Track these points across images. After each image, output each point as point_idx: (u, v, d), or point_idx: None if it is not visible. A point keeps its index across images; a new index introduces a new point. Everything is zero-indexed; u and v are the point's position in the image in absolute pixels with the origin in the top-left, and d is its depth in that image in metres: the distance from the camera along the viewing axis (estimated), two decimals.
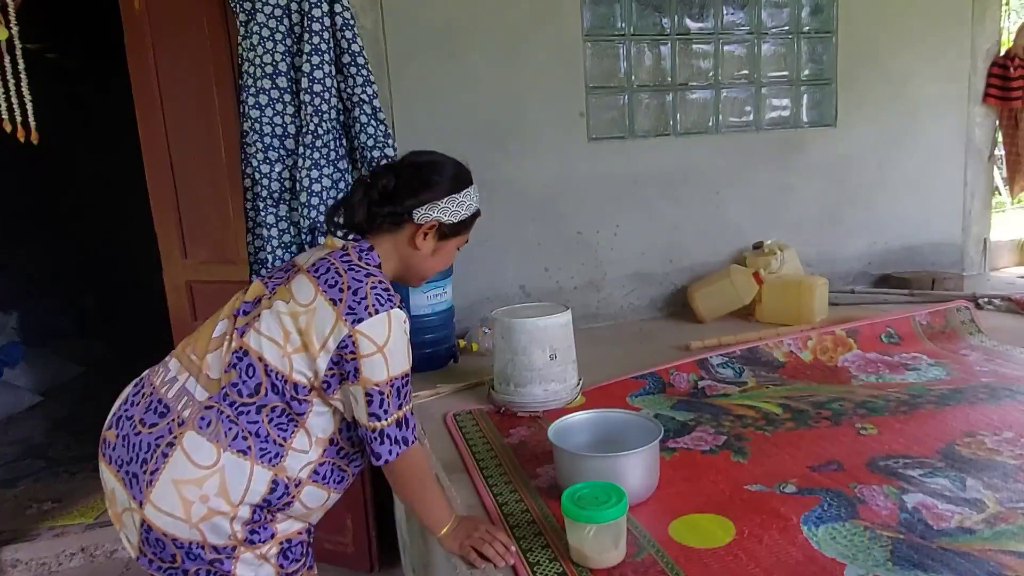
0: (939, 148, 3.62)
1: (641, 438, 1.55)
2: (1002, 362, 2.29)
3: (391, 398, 1.24)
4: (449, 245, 1.45)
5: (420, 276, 1.47)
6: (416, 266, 1.43)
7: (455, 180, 1.42)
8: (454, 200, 1.39)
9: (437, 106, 2.86)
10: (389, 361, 1.23)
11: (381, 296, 1.25)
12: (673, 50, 3.15)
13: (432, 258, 1.42)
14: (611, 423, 1.68)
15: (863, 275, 3.54)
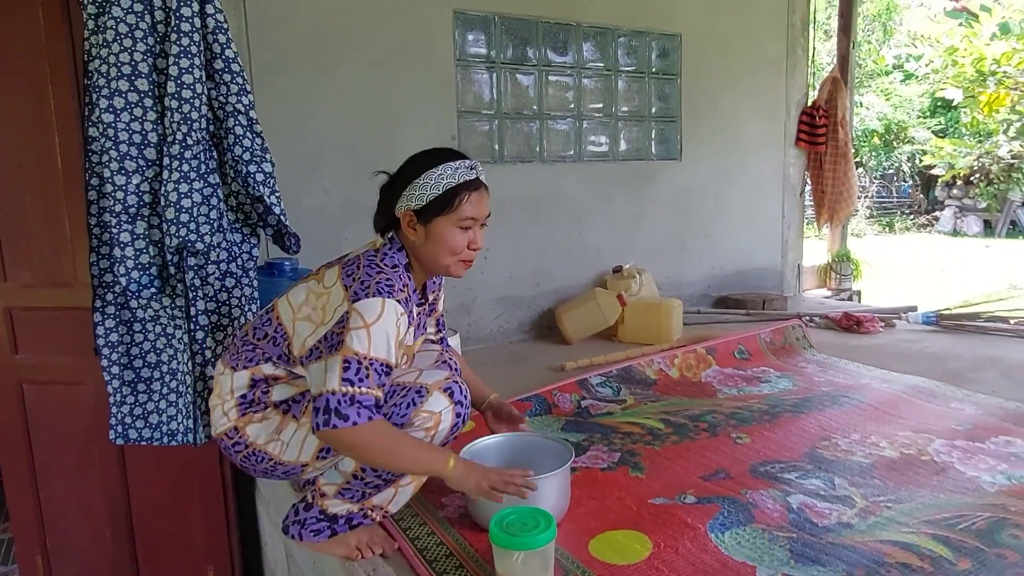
0: (762, 184, 4.08)
1: (552, 460, 1.55)
2: (833, 372, 2.60)
3: (371, 372, 1.28)
4: (439, 227, 1.41)
5: (438, 265, 1.45)
6: (425, 256, 1.45)
7: (417, 165, 1.44)
8: (415, 185, 1.41)
9: (304, 121, 2.72)
10: (372, 338, 1.28)
11: (383, 286, 1.33)
12: (539, 80, 3.27)
13: (429, 245, 1.42)
14: (520, 446, 1.67)
15: (704, 297, 3.88)
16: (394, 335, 1.31)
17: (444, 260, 1.44)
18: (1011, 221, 13.50)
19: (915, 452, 1.86)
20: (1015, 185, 13.02)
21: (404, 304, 1.35)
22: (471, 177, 1.43)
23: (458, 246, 1.43)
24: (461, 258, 1.45)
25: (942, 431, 2.00)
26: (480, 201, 1.44)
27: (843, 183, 4.28)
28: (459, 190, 1.41)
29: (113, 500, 2.21)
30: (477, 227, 1.45)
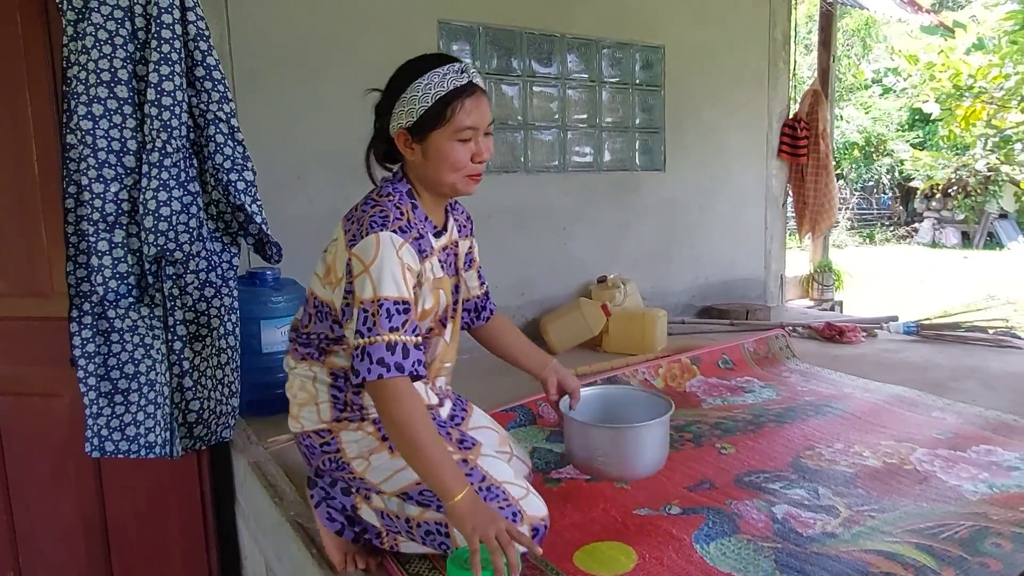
0: (745, 195, 4.12)
1: (649, 412, 1.58)
2: (816, 382, 2.61)
3: (379, 318, 1.19)
4: (436, 143, 1.29)
5: (444, 184, 1.33)
6: (428, 178, 1.34)
7: (403, 77, 1.32)
8: (403, 100, 1.29)
9: (287, 130, 2.70)
10: (375, 280, 1.20)
11: (376, 220, 1.24)
12: (524, 91, 3.27)
13: (430, 163, 1.31)
14: (615, 398, 1.70)
15: (689, 307, 3.89)
16: (399, 268, 1.22)
17: (448, 178, 1.31)
18: (988, 233, 13.73)
19: (898, 461, 1.87)
20: (992, 197, 13.26)
21: (402, 233, 1.25)
22: (463, 82, 1.29)
23: (460, 161, 1.30)
24: (466, 173, 1.32)
25: (924, 440, 2.01)
26: (477, 107, 1.30)
27: (824, 195, 4.33)
28: (451, 98, 1.27)
29: (89, 514, 2.16)
30: (479, 136, 1.32)
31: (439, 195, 1.38)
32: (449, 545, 1.27)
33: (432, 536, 1.30)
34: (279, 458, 2.02)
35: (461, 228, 1.54)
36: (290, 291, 2.42)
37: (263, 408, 2.38)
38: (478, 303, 1.65)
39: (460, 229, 1.53)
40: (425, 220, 1.36)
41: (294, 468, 1.94)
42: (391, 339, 1.19)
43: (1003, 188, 13.16)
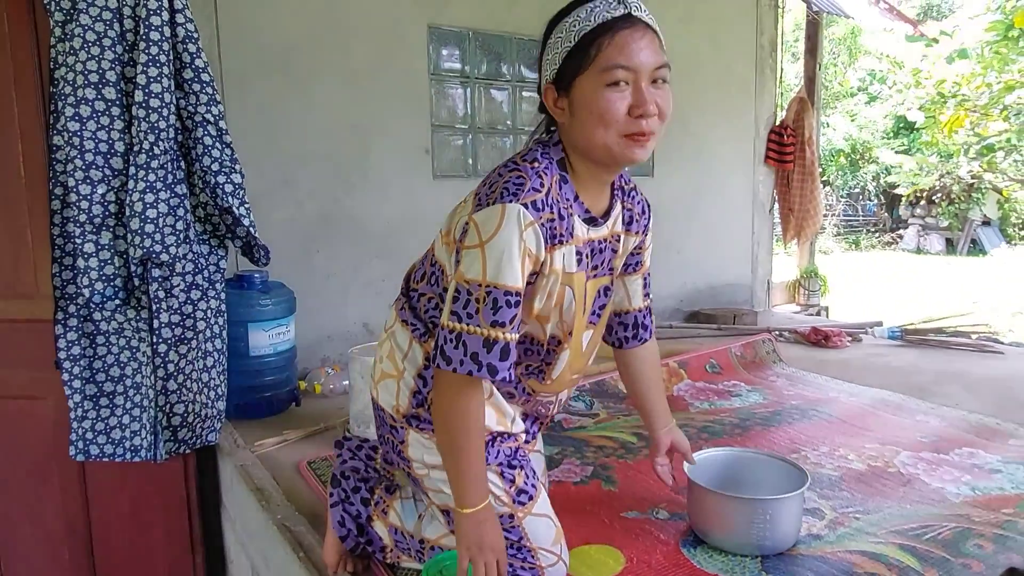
0: (732, 200, 4.15)
1: (781, 483, 1.48)
2: (803, 386, 2.63)
3: (483, 305, 1.01)
4: (580, 91, 1.05)
5: (594, 146, 1.07)
6: (578, 142, 1.09)
7: (551, 24, 1.10)
8: (549, 47, 1.09)
9: (276, 133, 2.69)
10: (487, 258, 1.01)
11: (508, 187, 1.03)
12: (513, 96, 3.28)
13: (577, 121, 1.07)
14: (745, 463, 1.60)
15: (677, 312, 3.91)
16: (518, 251, 1.01)
17: (597, 137, 1.04)
18: (972, 240, 13.90)
19: (882, 464, 1.88)
20: (975, 205, 13.44)
21: (535, 208, 1.03)
22: (616, 13, 1.03)
23: (610, 111, 1.02)
24: (622, 131, 1.03)
25: (908, 443, 2.03)
26: (633, 41, 1.02)
27: (810, 201, 4.37)
28: (597, 33, 1.02)
29: (72, 519, 2.14)
30: (642, 82, 1.03)
31: (597, 166, 1.11)
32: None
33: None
34: (266, 461, 2.01)
35: (633, 221, 1.26)
36: (278, 294, 2.41)
37: (250, 412, 2.37)
38: (638, 319, 1.41)
39: (631, 221, 1.26)
40: (574, 200, 1.12)
41: (281, 471, 1.94)
42: (492, 335, 1.02)
43: (986, 196, 13.35)
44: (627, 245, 1.28)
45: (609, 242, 1.21)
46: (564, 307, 1.17)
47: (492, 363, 1.04)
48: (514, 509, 1.21)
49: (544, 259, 1.08)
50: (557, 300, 1.15)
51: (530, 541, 1.22)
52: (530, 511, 1.23)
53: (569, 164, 1.13)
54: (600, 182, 1.16)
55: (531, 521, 1.23)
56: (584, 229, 1.14)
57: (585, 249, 1.16)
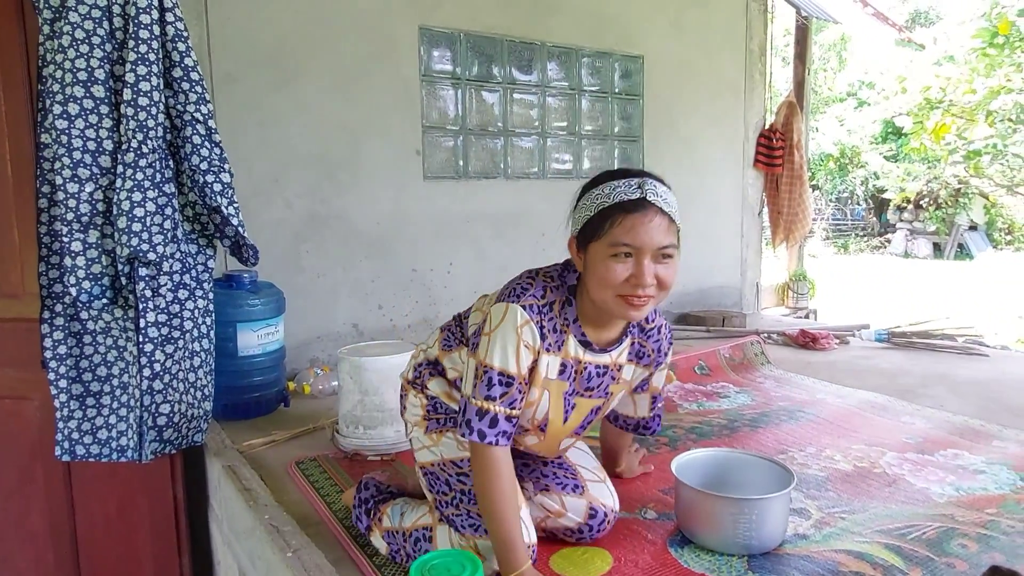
0: (722, 203, 4.17)
1: (768, 483, 1.50)
2: (790, 388, 2.65)
3: (480, 382, 1.25)
4: (593, 254, 1.24)
5: (597, 298, 1.25)
6: (588, 287, 1.27)
7: (584, 189, 1.32)
8: (578, 207, 1.30)
9: (266, 133, 2.69)
10: (490, 345, 1.25)
11: (515, 290, 1.29)
12: (504, 98, 3.29)
13: (587, 274, 1.26)
14: (732, 462, 1.61)
15: (667, 314, 3.92)
16: (514, 343, 1.23)
17: (598, 293, 1.24)
18: (958, 244, 14.03)
19: (868, 465, 1.90)
20: (961, 209, 13.56)
21: (533, 311, 1.25)
22: (632, 196, 1.21)
23: (609, 277, 1.20)
24: (619, 293, 1.21)
25: (894, 444, 2.05)
26: (640, 225, 1.19)
27: (798, 204, 4.40)
28: (612, 211, 1.21)
29: (57, 521, 2.12)
30: (644, 258, 1.20)
31: (600, 312, 1.30)
32: (429, 549, 1.37)
33: (419, 544, 1.39)
34: (254, 462, 2.00)
35: (644, 356, 1.44)
36: (267, 294, 2.40)
37: (239, 412, 2.36)
38: (640, 423, 1.64)
39: (641, 356, 1.44)
40: (573, 321, 1.31)
41: (269, 472, 1.93)
42: (483, 407, 1.24)
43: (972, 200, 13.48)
44: (633, 375, 1.46)
45: (610, 369, 1.38)
46: (538, 405, 1.33)
47: (481, 430, 1.24)
48: None
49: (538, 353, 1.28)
50: (535, 400, 1.32)
51: None
52: None
53: (579, 299, 1.32)
54: (607, 323, 1.33)
55: None
56: (578, 349, 1.33)
57: (574, 365, 1.33)
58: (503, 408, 1.25)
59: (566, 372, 1.32)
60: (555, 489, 1.47)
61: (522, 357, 1.25)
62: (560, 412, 1.36)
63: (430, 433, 1.44)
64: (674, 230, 1.25)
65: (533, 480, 1.49)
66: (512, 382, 1.25)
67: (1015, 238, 14.34)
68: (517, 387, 1.25)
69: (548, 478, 1.49)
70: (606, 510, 1.47)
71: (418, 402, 1.47)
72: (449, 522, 1.37)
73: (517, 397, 1.26)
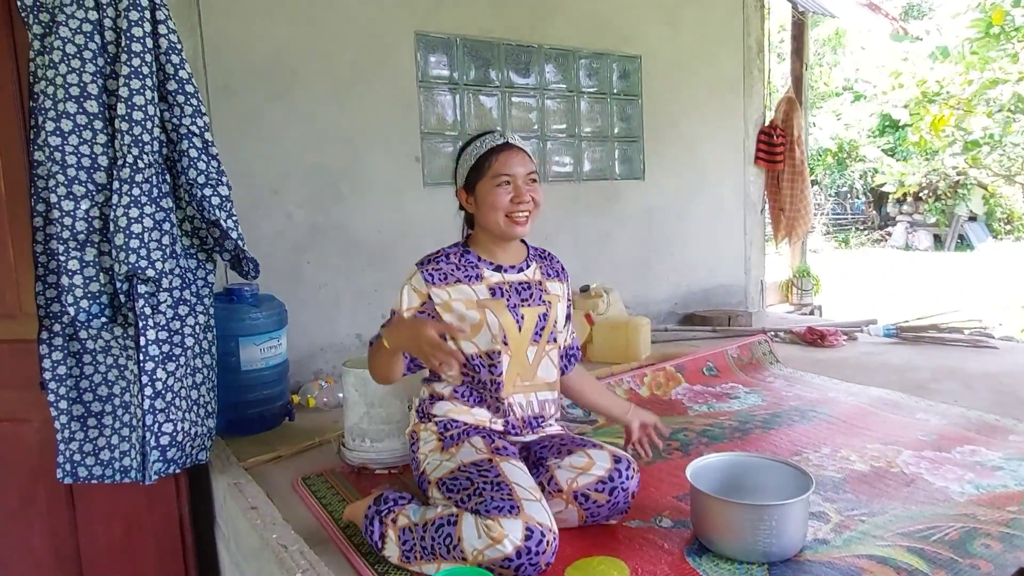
0: (724, 202, 4.14)
1: (785, 487, 1.48)
2: (800, 387, 2.62)
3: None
4: (481, 191, 1.59)
5: (494, 225, 1.59)
6: (483, 222, 1.61)
7: (459, 153, 1.67)
8: (459, 165, 1.65)
9: (265, 144, 2.66)
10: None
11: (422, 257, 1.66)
12: (502, 102, 3.27)
13: (481, 209, 1.60)
14: (748, 467, 1.59)
15: (671, 314, 3.89)
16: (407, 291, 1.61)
17: (494, 219, 1.58)
18: (959, 235, 13.99)
19: (884, 464, 1.87)
20: (961, 201, 13.53)
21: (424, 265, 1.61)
22: (499, 142, 1.60)
23: (499, 202, 1.57)
24: (507, 213, 1.57)
25: (909, 442, 2.01)
26: (511, 159, 1.59)
27: (800, 200, 4.37)
28: (488, 155, 1.59)
29: (61, 545, 2.09)
30: (518, 182, 1.58)
31: (495, 237, 1.63)
32: (453, 534, 1.35)
33: (441, 531, 1.38)
34: (260, 478, 1.97)
35: (550, 272, 1.76)
36: (269, 307, 2.37)
37: (243, 428, 2.33)
38: (572, 351, 1.87)
39: (549, 273, 1.75)
40: (479, 261, 1.64)
41: (276, 488, 1.90)
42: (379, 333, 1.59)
43: (971, 191, 13.44)
44: (553, 289, 1.72)
45: (531, 283, 1.68)
46: (489, 323, 1.60)
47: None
48: (492, 455, 1.49)
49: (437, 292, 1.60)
50: (481, 318, 1.60)
51: (507, 477, 1.42)
52: (507, 460, 1.48)
53: (477, 240, 1.67)
54: (504, 246, 1.66)
55: (508, 467, 1.46)
56: (496, 274, 1.64)
57: (501, 286, 1.64)
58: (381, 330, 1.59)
59: (497, 292, 1.62)
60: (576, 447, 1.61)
61: (404, 299, 1.61)
62: (512, 321, 1.61)
63: (448, 450, 1.57)
64: (533, 164, 1.63)
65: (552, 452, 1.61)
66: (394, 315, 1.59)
67: (1015, 227, 14.31)
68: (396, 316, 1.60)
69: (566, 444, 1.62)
70: (541, 529, 1.32)
71: (429, 433, 1.63)
72: (474, 512, 1.37)
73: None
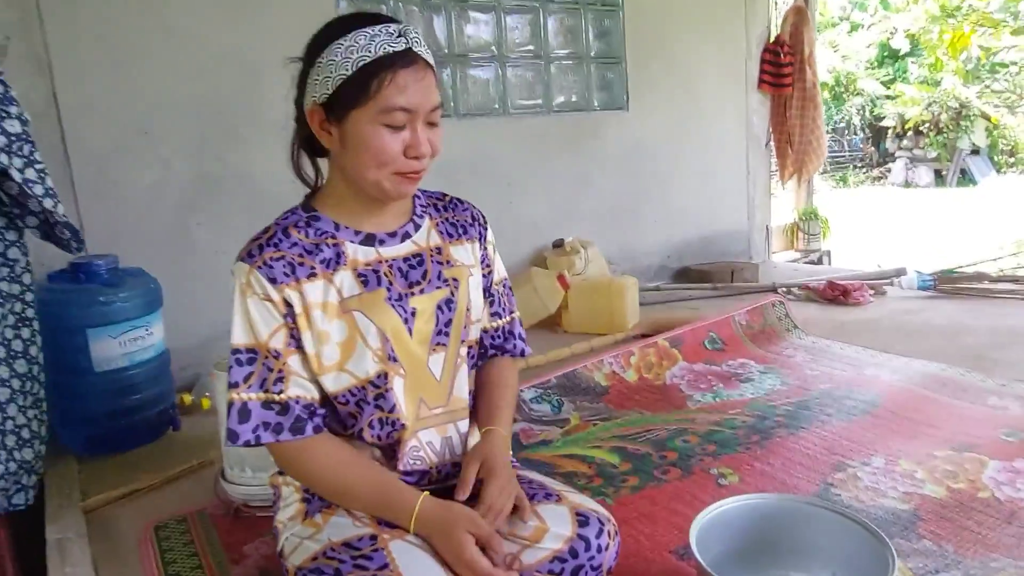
0: (723, 134, 3.53)
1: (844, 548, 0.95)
2: (829, 361, 2.07)
3: (232, 369, 0.96)
4: (355, 125, 0.94)
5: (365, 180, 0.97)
6: (349, 170, 0.98)
7: (320, 40, 0.96)
8: (319, 67, 0.95)
9: (125, 70, 2.03)
10: (233, 321, 0.97)
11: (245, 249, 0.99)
12: (449, 17, 2.63)
13: (349, 153, 0.96)
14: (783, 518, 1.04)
15: (663, 269, 3.33)
16: (242, 307, 0.95)
17: (369, 173, 0.96)
18: (960, 170, 13.42)
19: (966, 486, 1.33)
20: (963, 133, 12.90)
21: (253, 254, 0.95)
22: (398, 47, 0.94)
23: (385, 151, 0.94)
24: (395, 170, 0.95)
25: (990, 446, 1.48)
26: (415, 83, 0.95)
27: (811, 131, 3.75)
28: (377, 68, 0.93)
29: None
30: (418, 123, 0.96)
31: (372, 197, 1.00)
32: None
33: None
34: (104, 526, 1.44)
35: (453, 230, 1.12)
36: (132, 286, 1.81)
37: (107, 444, 1.83)
38: (494, 339, 1.16)
39: (451, 231, 1.11)
40: (337, 230, 1.02)
41: (119, 544, 1.37)
42: (231, 399, 0.95)
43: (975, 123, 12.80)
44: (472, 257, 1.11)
45: (424, 255, 1.07)
46: (363, 335, 0.99)
47: (232, 429, 0.95)
48: (378, 530, 0.96)
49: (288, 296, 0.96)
50: (348, 336, 0.98)
51: (399, 571, 0.89)
52: (401, 536, 0.95)
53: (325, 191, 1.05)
54: (371, 207, 1.03)
55: (401, 548, 0.93)
56: (367, 251, 1.03)
57: (376, 267, 1.02)
58: (253, 394, 0.95)
59: (370, 280, 1.01)
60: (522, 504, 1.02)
61: (255, 317, 0.95)
62: (399, 322, 1.01)
63: (311, 519, 1.02)
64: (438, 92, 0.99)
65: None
66: (255, 356, 0.96)
67: (1018, 160, 13.73)
68: (264, 361, 0.96)
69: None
70: (600, 516, 1.00)
71: (291, 490, 1.06)
72: None
73: (268, 375, 0.95)
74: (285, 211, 1.03)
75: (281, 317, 0.95)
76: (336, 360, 0.97)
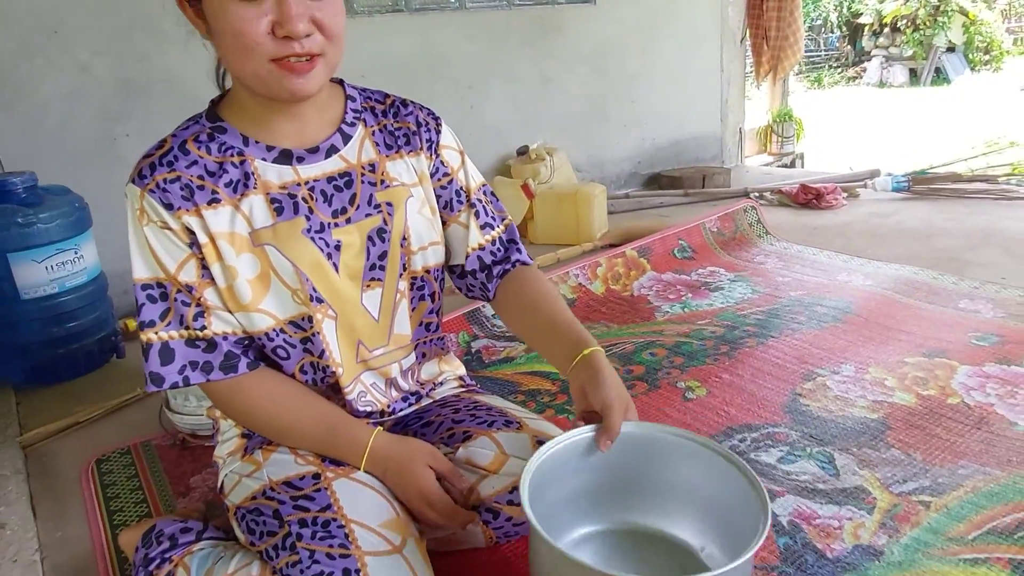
0: (696, 30, 3.33)
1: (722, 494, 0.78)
2: (800, 267, 2.02)
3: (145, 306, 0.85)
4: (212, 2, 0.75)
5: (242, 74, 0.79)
6: (226, 63, 0.82)
7: None
8: None
9: None
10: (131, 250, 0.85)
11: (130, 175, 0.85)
12: None
13: (217, 40, 0.79)
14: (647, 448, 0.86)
15: (633, 176, 3.21)
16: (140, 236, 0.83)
17: (242, 65, 0.77)
18: (935, 68, 13.21)
19: (936, 392, 1.30)
20: (940, 30, 12.61)
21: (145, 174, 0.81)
22: None
23: (245, 33, 0.74)
24: (269, 56, 0.76)
25: (961, 350, 1.45)
26: None
27: (788, 24, 3.57)
28: None
29: None
30: None
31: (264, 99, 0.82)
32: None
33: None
34: (44, 461, 1.37)
35: (394, 140, 0.94)
36: (55, 205, 1.66)
37: (48, 375, 1.73)
38: (483, 258, 1.00)
39: (391, 141, 0.94)
40: (245, 145, 0.85)
41: (59, 479, 1.31)
42: (145, 340, 0.84)
43: (952, 19, 12.49)
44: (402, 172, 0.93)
45: (354, 174, 0.90)
46: (277, 271, 0.85)
47: (155, 372, 0.85)
48: (321, 467, 0.88)
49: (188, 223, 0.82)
50: (261, 270, 0.85)
51: (343, 512, 0.82)
52: (346, 474, 0.88)
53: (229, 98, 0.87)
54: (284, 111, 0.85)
55: (346, 486, 0.86)
56: (282, 171, 0.87)
57: (292, 191, 0.86)
58: (174, 331, 0.84)
59: (285, 206, 0.86)
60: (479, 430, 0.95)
61: (157, 247, 0.83)
62: (320, 257, 0.87)
63: (250, 455, 0.94)
64: None
65: (441, 436, 0.98)
66: (166, 291, 0.84)
67: (993, 57, 13.53)
68: (177, 295, 0.84)
69: (462, 423, 0.98)
70: None
71: (229, 424, 0.99)
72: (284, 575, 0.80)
73: (187, 310, 0.84)
74: (187, 119, 0.87)
75: (187, 247, 0.82)
76: (250, 299, 0.84)
